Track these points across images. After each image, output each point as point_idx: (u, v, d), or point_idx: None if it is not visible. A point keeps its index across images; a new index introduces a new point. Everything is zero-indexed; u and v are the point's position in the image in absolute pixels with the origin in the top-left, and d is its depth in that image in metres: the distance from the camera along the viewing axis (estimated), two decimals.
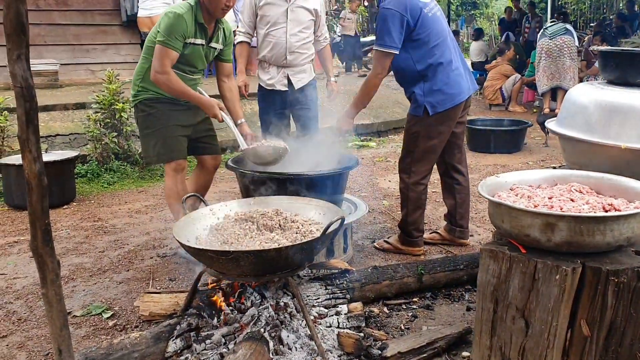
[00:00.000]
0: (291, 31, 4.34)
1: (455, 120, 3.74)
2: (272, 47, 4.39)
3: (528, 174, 2.50)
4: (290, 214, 2.94)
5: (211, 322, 2.67)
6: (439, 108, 3.62)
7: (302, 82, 4.51)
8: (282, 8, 4.32)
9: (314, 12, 4.41)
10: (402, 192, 3.88)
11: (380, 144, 8.08)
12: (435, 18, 3.61)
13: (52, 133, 6.47)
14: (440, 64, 3.60)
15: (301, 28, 4.38)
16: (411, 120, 3.76)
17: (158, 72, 3.43)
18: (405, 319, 3.07)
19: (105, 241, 4.37)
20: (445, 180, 4.07)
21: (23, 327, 3.09)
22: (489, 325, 2.17)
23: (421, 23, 3.53)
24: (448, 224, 4.14)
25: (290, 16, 4.32)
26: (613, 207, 2.08)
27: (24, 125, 1.52)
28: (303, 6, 4.35)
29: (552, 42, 9.25)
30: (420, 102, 3.64)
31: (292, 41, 4.35)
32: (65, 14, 9.28)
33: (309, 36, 4.47)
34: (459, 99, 3.66)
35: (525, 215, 2.00)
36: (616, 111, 2.64)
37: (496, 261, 2.11)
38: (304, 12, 4.37)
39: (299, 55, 4.43)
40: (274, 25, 4.35)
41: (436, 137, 3.71)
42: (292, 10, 4.32)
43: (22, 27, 1.44)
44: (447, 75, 3.62)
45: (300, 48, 4.41)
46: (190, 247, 2.52)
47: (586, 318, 1.96)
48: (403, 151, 3.85)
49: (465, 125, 4.22)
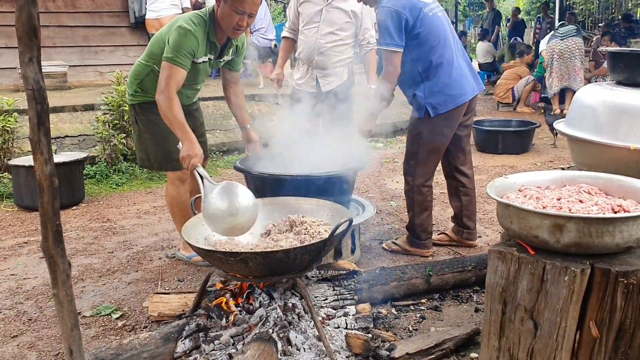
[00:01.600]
0: (322, 31, 4.27)
1: (458, 121, 3.73)
2: (303, 45, 4.36)
3: (536, 175, 2.50)
4: (299, 215, 2.95)
5: (220, 322, 2.68)
6: (440, 109, 3.61)
7: (331, 85, 4.41)
8: (317, 7, 4.28)
9: (351, 13, 4.28)
10: (408, 195, 3.88)
11: (387, 144, 8.07)
12: (435, 18, 3.60)
13: (61, 134, 6.51)
14: (441, 64, 3.58)
15: (334, 29, 4.28)
16: (413, 123, 3.77)
17: (162, 93, 3.14)
18: (414, 320, 3.07)
19: (114, 242, 4.39)
20: (450, 183, 4.07)
21: (33, 327, 3.11)
22: (497, 327, 2.17)
23: (421, 22, 3.51)
24: (455, 225, 4.13)
25: (325, 16, 4.26)
26: (622, 208, 2.07)
27: (36, 128, 1.53)
28: (339, 7, 4.26)
29: (563, 44, 9.23)
30: (422, 104, 3.64)
31: (322, 42, 4.28)
32: (74, 16, 9.33)
33: (344, 39, 4.34)
34: (461, 100, 3.65)
35: (534, 217, 1.99)
36: (625, 112, 2.63)
37: (505, 262, 2.11)
38: (339, 13, 4.27)
39: (329, 58, 4.33)
40: (308, 24, 4.31)
41: (439, 138, 3.70)
42: (328, 11, 4.26)
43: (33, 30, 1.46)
44: (448, 76, 3.61)
45: (331, 50, 4.31)
46: (200, 248, 2.53)
47: (595, 319, 1.95)
48: (407, 154, 3.86)
49: (471, 128, 4.21)
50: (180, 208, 3.67)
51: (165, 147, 3.52)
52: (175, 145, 3.22)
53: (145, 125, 3.60)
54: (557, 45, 9.27)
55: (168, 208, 3.88)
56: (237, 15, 3.11)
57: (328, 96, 4.40)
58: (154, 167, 3.87)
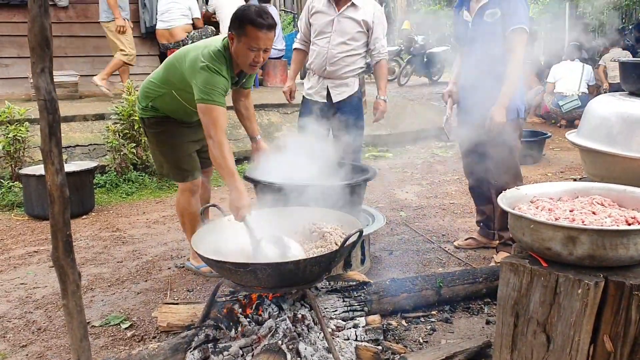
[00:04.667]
0: (334, 41, 4.26)
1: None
2: (315, 55, 4.36)
3: (548, 186, 2.48)
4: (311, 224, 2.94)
5: (229, 333, 2.67)
6: (521, 112, 3.71)
7: (342, 95, 4.39)
8: (329, 17, 4.28)
9: (363, 23, 4.27)
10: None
11: (397, 154, 8.06)
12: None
13: (71, 144, 6.54)
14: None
15: (346, 39, 4.27)
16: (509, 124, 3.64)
17: (212, 138, 3.00)
18: (424, 332, 3.04)
19: (124, 251, 4.39)
20: (484, 186, 4.05)
21: (42, 336, 3.11)
22: (509, 340, 2.15)
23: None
24: (484, 228, 4.21)
25: (336, 26, 4.26)
26: (636, 220, 2.05)
27: (47, 138, 1.54)
28: (351, 17, 4.26)
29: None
30: (513, 105, 3.63)
31: (334, 52, 4.27)
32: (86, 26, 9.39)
33: (356, 48, 4.32)
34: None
35: (547, 228, 1.97)
36: (638, 123, 2.61)
37: (517, 275, 2.08)
38: (351, 23, 4.26)
39: (341, 68, 4.32)
40: (320, 35, 4.32)
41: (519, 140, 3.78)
42: (339, 21, 4.26)
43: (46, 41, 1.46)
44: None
45: (343, 60, 4.30)
46: (209, 259, 2.52)
47: (609, 333, 1.93)
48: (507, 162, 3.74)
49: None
50: (191, 218, 3.67)
51: (174, 159, 3.58)
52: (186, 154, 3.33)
53: (156, 139, 3.64)
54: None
55: (178, 217, 3.88)
56: (252, 53, 3.09)
57: (339, 106, 4.39)
58: (170, 176, 3.88)
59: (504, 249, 3.87)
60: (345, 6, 4.24)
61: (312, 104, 4.43)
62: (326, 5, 4.30)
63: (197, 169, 3.68)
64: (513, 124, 3.69)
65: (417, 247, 4.33)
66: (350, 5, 4.24)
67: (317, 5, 4.35)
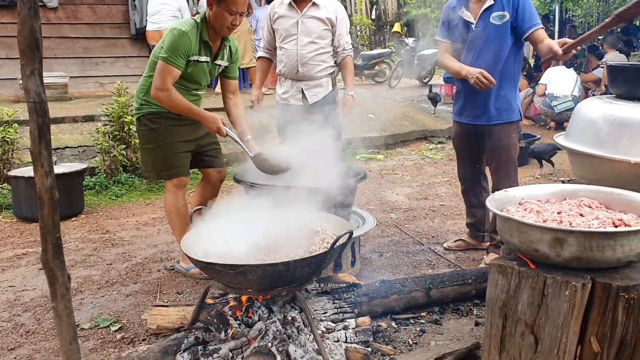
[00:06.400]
0: (302, 42, 4.28)
1: None
2: (285, 59, 4.37)
3: (537, 189, 2.50)
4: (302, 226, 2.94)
5: (219, 336, 2.67)
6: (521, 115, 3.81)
7: (317, 96, 4.41)
8: (293, 20, 4.30)
9: (327, 21, 4.30)
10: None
11: (388, 156, 8.08)
12: None
13: (61, 145, 6.51)
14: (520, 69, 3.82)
15: (313, 38, 4.29)
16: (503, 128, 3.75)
17: (159, 88, 3.37)
18: (414, 333, 3.05)
19: (113, 254, 4.38)
20: (477, 188, 4.11)
21: (31, 339, 3.09)
22: (497, 341, 2.16)
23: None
24: (474, 231, 4.24)
25: (302, 27, 4.28)
26: (623, 223, 2.07)
27: (37, 140, 1.53)
28: (315, 16, 4.29)
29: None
30: (515, 107, 3.74)
31: (304, 52, 4.29)
32: (75, 27, 9.37)
33: (324, 47, 4.35)
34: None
35: (534, 230, 1.99)
36: (625, 126, 2.64)
37: (505, 276, 2.10)
38: (315, 22, 4.29)
39: (313, 67, 4.34)
40: (286, 38, 4.33)
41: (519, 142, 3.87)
42: (303, 22, 4.28)
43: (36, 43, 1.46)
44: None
45: (313, 60, 4.33)
46: (199, 261, 2.52)
47: (596, 334, 1.95)
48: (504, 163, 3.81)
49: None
50: (178, 214, 3.69)
51: (164, 157, 3.62)
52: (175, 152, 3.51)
53: (145, 135, 3.67)
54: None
55: (167, 217, 3.88)
56: (230, 16, 3.34)
57: (315, 107, 4.41)
58: (150, 177, 3.91)
59: (494, 251, 3.90)
60: (307, 7, 4.28)
61: (289, 108, 4.45)
62: (288, 9, 4.33)
63: (185, 167, 3.72)
64: (515, 126, 3.75)
65: (407, 249, 4.34)
66: (311, 5, 4.29)
67: (278, 10, 4.37)
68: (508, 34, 3.62)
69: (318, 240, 2.82)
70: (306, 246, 2.79)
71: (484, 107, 3.72)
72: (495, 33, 3.63)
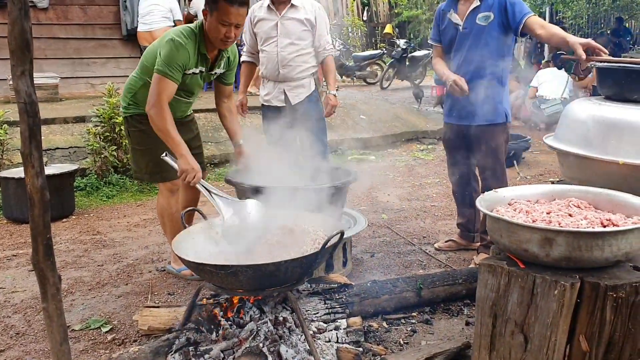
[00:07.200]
0: (282, 44, 4.29)
1: None
2: (266, 62, 4.38)
3: (526, 189, 2.51)
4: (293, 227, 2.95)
5: (210, 336, 2.67)
6: (509, 117, 3.79)
7: (299, 97, 4.43)
8: (272, 22, 4.31)
9: (306, 22, 4.32)
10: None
11: (379, 157, 8.10)
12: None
13: (52, 146, 6.48)
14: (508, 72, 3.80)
15: (293, 40, 4.31)
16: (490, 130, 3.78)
17: (154, 106, 3.20)
18: (405, 333, 3.06)
19: (104, 255, 4.37)
20: (468, 189, 4.13)
21: (21, 341, 3.08)
22: (487, 340, 2.17)
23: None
24: (465, 231, 4.26)
25: (281, 29, 4.30)
26: (611, 223, 2.09)
27: (27, 141, 1.53)
28: (294, 17, 4.30)
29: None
30: (501, 109, 3.75)
31: (284, 54, 4.30)
32: (66, 28, 9.34)
33: (305, 47, 4.37)
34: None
35: (524, 230, 2.01)
36: (614, 127, 2.65)
37: (495, 276, 2.11)
38: (295, 23, 4.31)
39: (294, 69, 4.36)
40: (267, 41, 4.34)
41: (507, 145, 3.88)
42: (283, 23, 4.29)
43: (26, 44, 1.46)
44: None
45: (294, 61, 4.34)
46: (190, 262, 2.52)
47: (585, 333, 1.96)
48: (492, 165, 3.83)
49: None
50: (171, 219, 3.67)
51: (156, 158, 3.52)
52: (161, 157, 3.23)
53: (136, 137, 3.62)
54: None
55: (159, 219, 3.87)
56: (223, 28, 3.18)
57: (298, 108, 4.42)
58: (144, 179, 3.86)
59: (484, 251, 3.92)
60: (286, 8, 4.30)
61: (272, 110, 4.47)
62: (267, 11, 4.34)
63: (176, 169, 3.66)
64: (501, 128, 3.77)
65: (399, 250, 4.36)
66: (290, 7, 4.30)
67: (258, 14, 4.38)
68: (494, 34, 3.64)
69: (309, 240, 2.83)
70: (297, 247, 2.80)
71: (470, 108, 3.75)
72: (481, 34, 3.66)
